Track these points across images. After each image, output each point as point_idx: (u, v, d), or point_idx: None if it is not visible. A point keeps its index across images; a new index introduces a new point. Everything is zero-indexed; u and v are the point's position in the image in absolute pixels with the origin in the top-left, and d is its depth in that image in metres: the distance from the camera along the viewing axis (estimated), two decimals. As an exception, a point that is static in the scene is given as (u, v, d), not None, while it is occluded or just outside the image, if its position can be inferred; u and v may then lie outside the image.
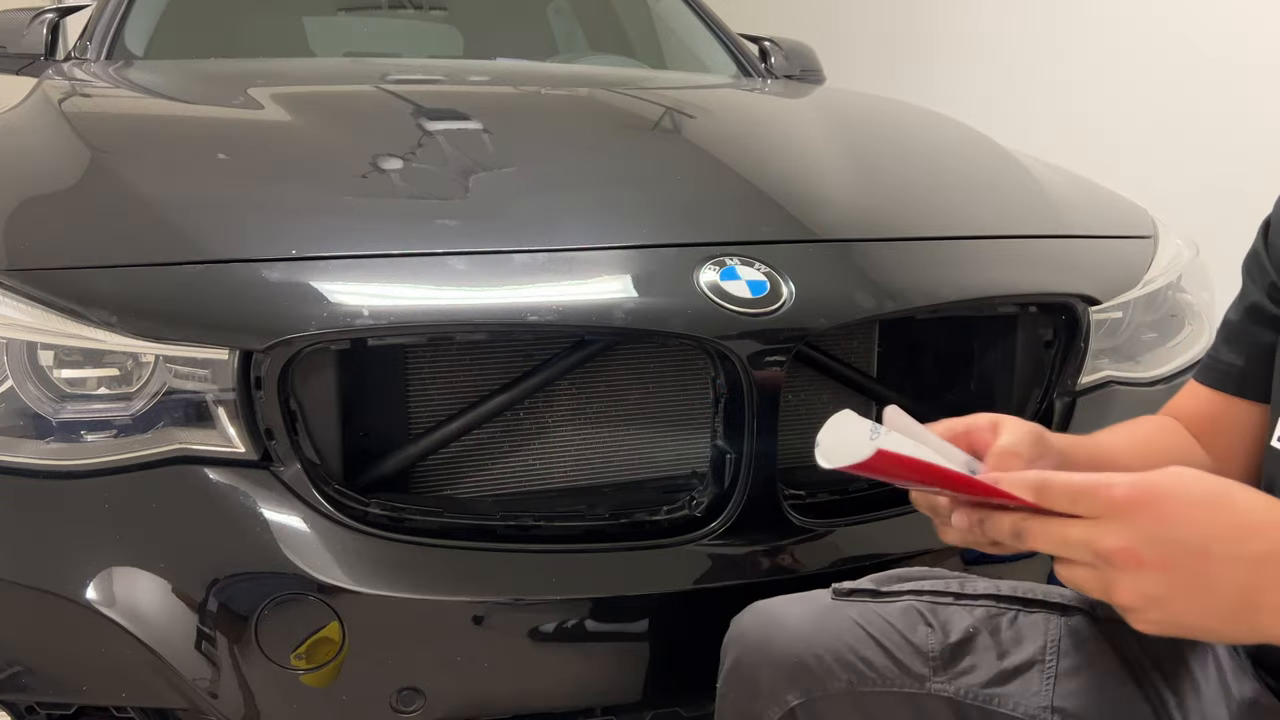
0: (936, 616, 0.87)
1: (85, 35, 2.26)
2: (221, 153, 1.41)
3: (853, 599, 0.89)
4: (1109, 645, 0.84)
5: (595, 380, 1.19)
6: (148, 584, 1.00)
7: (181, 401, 1.05)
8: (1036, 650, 0.84)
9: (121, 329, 1.03)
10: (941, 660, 0.84)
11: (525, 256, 1.14)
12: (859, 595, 0.89)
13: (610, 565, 1.07)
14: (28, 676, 1.05)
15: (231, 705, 1.01)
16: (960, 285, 1.21)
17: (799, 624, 0.87)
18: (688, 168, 1.46)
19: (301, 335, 1.02)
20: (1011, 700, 0.82)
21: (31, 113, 1.57)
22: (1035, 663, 0.84)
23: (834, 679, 0.84)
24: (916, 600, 0.88)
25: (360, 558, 1.02)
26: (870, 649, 0.84)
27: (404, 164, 1.38)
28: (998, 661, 0.84)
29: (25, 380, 1.05)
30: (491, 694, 1.05)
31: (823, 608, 0.88)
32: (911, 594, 0.89)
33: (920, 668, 0.84)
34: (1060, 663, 0.83)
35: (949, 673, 0.83)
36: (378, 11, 2.67)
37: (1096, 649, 0.84)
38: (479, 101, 1.78)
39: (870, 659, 0.84)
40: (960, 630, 0.85)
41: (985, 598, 0.88)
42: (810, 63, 2.67)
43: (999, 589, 0.89)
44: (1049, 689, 0.82)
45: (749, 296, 1.09)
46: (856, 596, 0.89)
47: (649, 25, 2.84)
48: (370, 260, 1.12)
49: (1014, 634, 0.86)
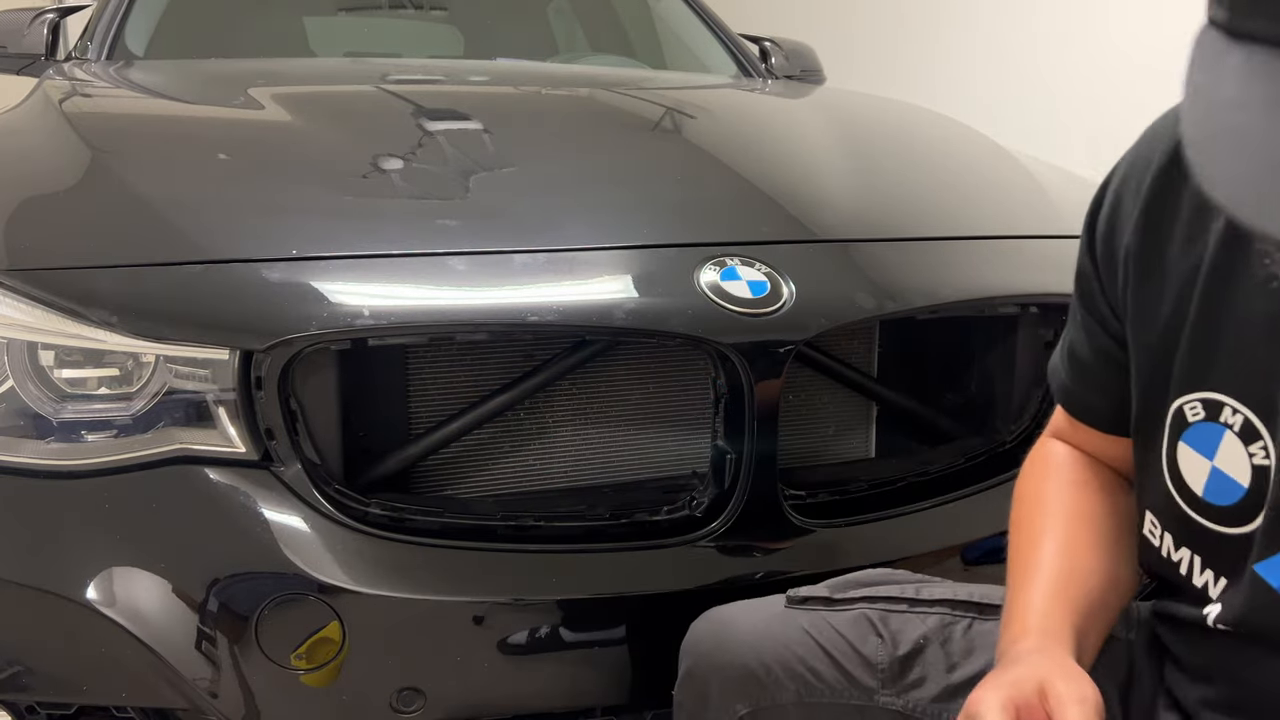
0: (888, 626, 0.85)
1: (86, 35, 2.26)
2: (222, 153, 1.41)
3: (806, 607, 0.88)
4: None
5: (596, 380, 1.19)
6: (148, 584, 1.00)
7: (182, 401, 1.05)
8: (987, 663, 0.81)
9: (122, 329, 1.03)
10: (890, 673, 0.83)
11: (526, 257, 1.14)
12: (812, 603, 0.88)
13: (611, 565, 1.07)
14: (28, 676, 1.05)
15: (232, 705, 1.01)
16: (961, 286, 1.21)
17: (749, 633, 0.87)
18: (688, 168, 1.46)
19: (302, 335, 1.02)
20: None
21: (32, 113, 1.57)
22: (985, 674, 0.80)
23: (782, 690, 0.84)
24: (869, 608, 0.86)
25: (360, 558, 1.02)
26: (819, 660, 0.84)
27: (404, 164, 1.38)
28: (947, 675, 0.83)
29: (26, 380, 1.05)
30: (492, 694, 1.05)
31: (774, 615, 0.88)
32: (865, 601, 0.87)
33: (869, 680, 0.83)
34: None
35: (897, 685, 0.83)
36: (378, 12, 2.67)
37: None
38: (479, 102, 1.78)
39: (819, 670, 0.84)
40: (910, 641, 0.84)
41: (941, 604, 0.86)
42: (810, 63, 2.67)
43: (955, 594, 0.87)
44: None
45: (749, 297, 1.09)
46: (810, 604, 0.88)
47: (649, 25, 2.84)
48: (371, 260, 1.12)
49: (966, 644, 0.84)
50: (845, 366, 1.26)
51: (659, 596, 1.07)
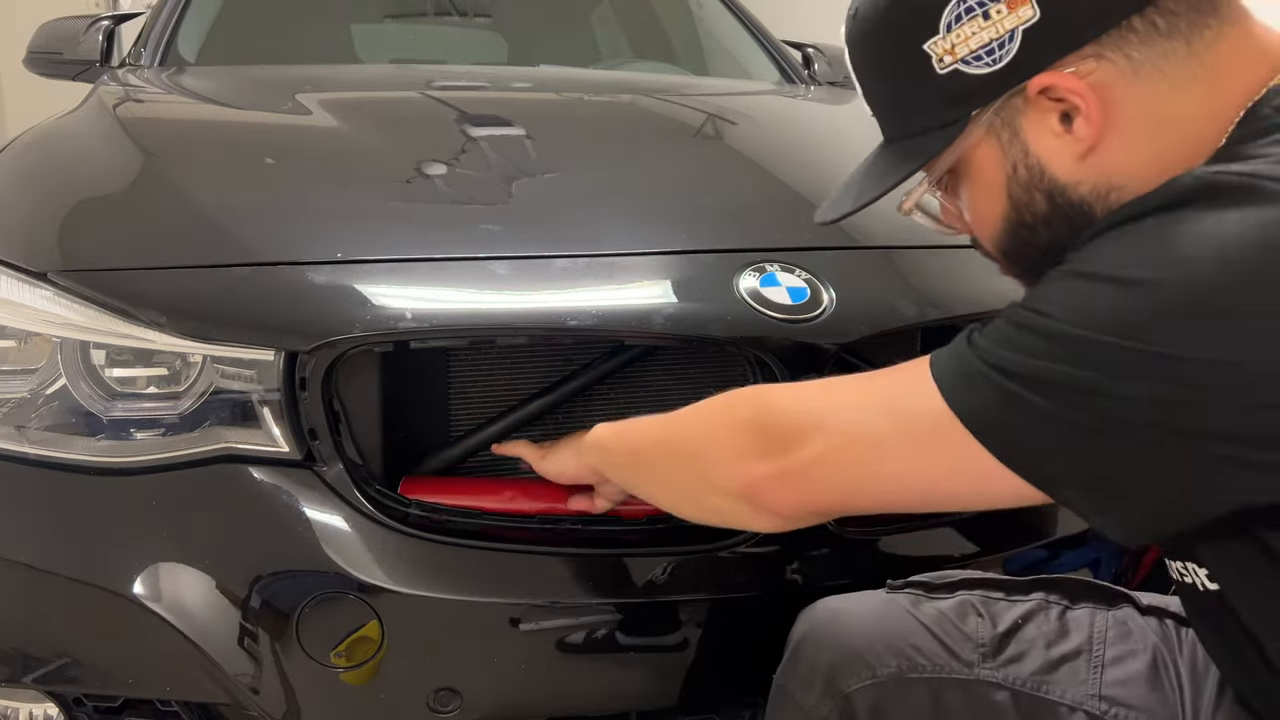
0: (988, 609, 0.89)
1: (139, 42, 2.31)
2: (269, 157, 1.43)
3: (906, 591, 0.92)
4: (1153, 636, 0.87)
5: (634, 385, 1.19)
6: (193, 580, 1.02)
7: (228, 401, 1.06)
8: (1083, 640, 0.87)
9: (171, 329, 1.05)
10: (991, 647, 0.86)
11: (566, 261, 1.14)
12: (912, 588, 0.92)
13: (647, 570, 1.07)
14: (75, 669, 1.07)
15: (273, 701, 1.02)
16: (1004, 293, 1.19)
17: (856, 616, 0.90)
18: (729, 174, 1.46)
19: (346, 337, 1.03)
20: (1059, 688, 0.83)
21: (87, 118, 1.60)
22: (1082, 652, 0.86)
23: (884, 665, 0.86)
24: (969, 594, 0.91)
25: (400, 558, 1.03)
26: (921, 636, 0.87)
27: (448, 169, 1.40)
28: (1045, 650, 0.86)
29: (78, 379, 1.07)
30: (527, 696, 1.06)
31: (879, 601, 0.92)
32: (964, 587, 0.92)
33: (969, 654, 0.86)
34: (1107, 652, 0.86)
35: (998, 660, 0.85)
36: (424, 19, 2.69)
37: (1141, 640, 0.87)
38: (522, 108, 1.80)
39: (920, 646, 0.86)
40: (1009, 621, 0.88)
41: (1035, 593, 0.92)
42: (854, 69, 2.65)
43: (1048, 586, 0.92)
44: (1095, 678, 0.84)
45: (789, 303, 1.08)
46: (910, 589, 0.92)
47: (692, 31, 2.84)
48: (414, 264, 1.13)
49: (1061, 626, 0.88)
50: (886, 374, 1.25)
51: (695, 602, 1.07)
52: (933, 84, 0.76)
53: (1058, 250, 0.73)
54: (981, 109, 0.76)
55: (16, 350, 1.11)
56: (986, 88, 0.74)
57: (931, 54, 0.75)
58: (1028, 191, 0.76)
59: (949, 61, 0.75)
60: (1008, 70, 0.73)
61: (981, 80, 0.74)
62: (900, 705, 0.85)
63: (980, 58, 0.73)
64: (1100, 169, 0.73)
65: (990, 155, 0.77)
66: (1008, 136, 0.76)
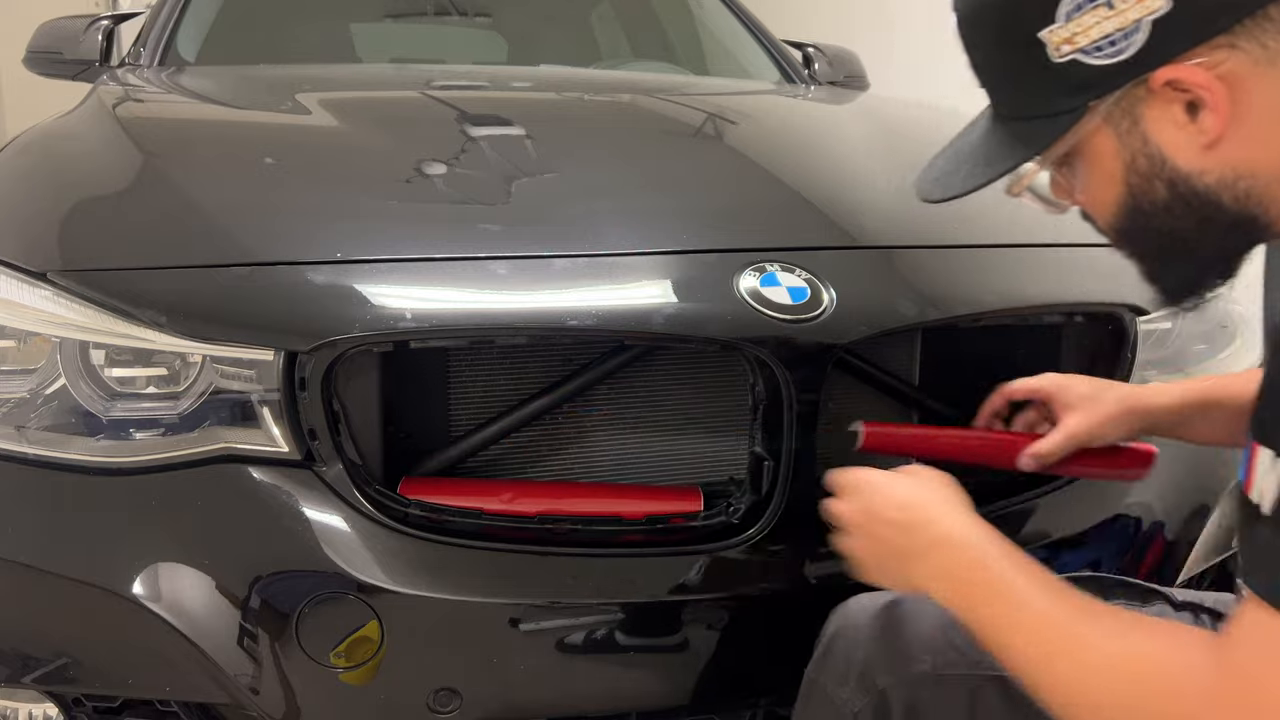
0: None
1: (139, 42, 2.31)
2: (269, 157, 1.43)
3: None
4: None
5: (634, 385, 1.19)
6: (192, 580, 1.02)
7: (227, 401, 1.06)
8: None
9: (170, 329, 1.05)
10: None
11: (566, 261, 1.14)
12: None
13: (647, 570, 1.07)
14: (75, 669, 1.07)
15: (272, 701, 1.02)
16: (1004, 294, 1.20)
17: (890, 613, 0.90)
18: (729, 174, 1.46)
19: (345, 337, 1.03)
20: None
21: (86, 118, 1.60)
22: None
23: (918, 661, 0.85)
24: None
25: (399, 558, 1.03)
26: (957, 633, 0.85)
27: (447, 169, 1.39)
28: None
29: (78, 379, 1.07)
30: (527, 696, 1.06)
31: (913, 598, 0.91)
32: None
33: None
34: None
35: None
36: (423, 19, 2.69)
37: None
38: (522, 107, 1.80)
39: (955, 642, 0.86)
40: None
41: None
42: (854, 69, 2.66)
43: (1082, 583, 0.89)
44: None
45: (789, 303, 1.08)
46: None
47: (692, 31, 2.84)
48: (413, 264, 1.13)
49: None
50: (886, 374, 1.25)
51: (695, 602, 1.07)
52: (1048, 71, 0.72)
53: (1179, 238, 0.71)
54: (1100, 99, 0.72)
55: (16, 350, 1.11)
56: (1107, 78, 0.70)
57: (1048, 42, 0.71)
58: (1147, 180, 0.73)
59: (1067, 51, 0.71)
60: (1132, 61, 0.69)
61: (1101, 70, 0.70)
62: (936, 701, 0.85)
63: (1102, 48, 0.69)
64: (1228, 159, 0.69)
65: (1107, 143, 0.74)
66: (1127, 126, 0.72)
